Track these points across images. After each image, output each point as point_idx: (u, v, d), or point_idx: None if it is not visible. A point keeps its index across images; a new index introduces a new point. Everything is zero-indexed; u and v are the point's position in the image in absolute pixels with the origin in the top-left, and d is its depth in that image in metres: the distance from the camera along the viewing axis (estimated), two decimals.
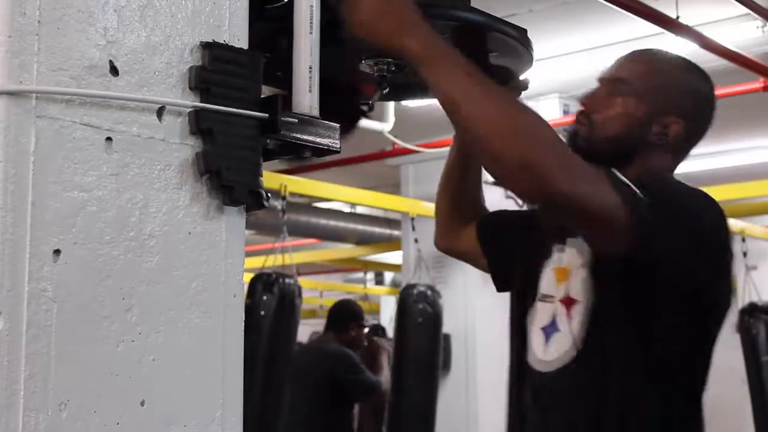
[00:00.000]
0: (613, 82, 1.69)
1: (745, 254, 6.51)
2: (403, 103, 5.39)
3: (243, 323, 1.34)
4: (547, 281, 1.74)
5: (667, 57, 1.76)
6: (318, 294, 10.70)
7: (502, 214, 2.04)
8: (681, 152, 1.73)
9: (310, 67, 1.44)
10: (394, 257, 9.27)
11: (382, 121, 5.83)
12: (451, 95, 1.43)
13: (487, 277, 2.04)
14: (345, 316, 5.18)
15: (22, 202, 1.10)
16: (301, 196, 6.50)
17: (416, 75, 1.45)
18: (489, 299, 4.47)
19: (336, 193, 6.13)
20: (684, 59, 1.78)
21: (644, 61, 1.73)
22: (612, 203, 1.46)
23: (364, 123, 4.82)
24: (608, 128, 1.67)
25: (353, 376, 4.80)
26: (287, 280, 4.83)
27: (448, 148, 2.10)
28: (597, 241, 1.55)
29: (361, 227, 8.41)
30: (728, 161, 7.15)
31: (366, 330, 5.43)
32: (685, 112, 1.68)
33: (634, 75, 1.69)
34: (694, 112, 1.71)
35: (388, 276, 12.10)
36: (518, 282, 1.85)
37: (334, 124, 1.47)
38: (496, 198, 2.35)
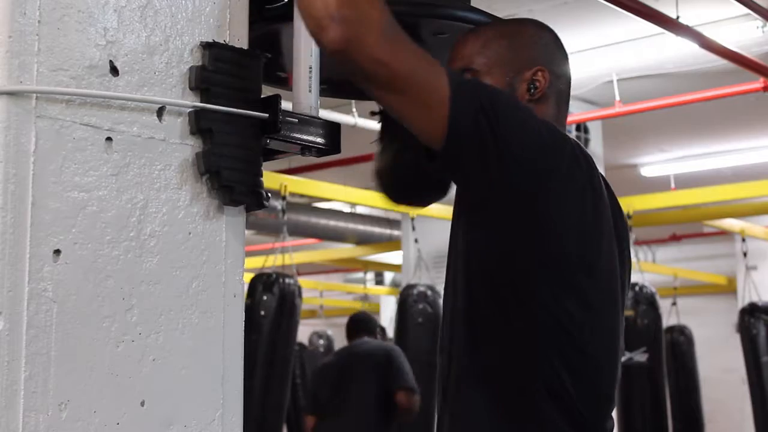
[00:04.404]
0: (465, 73, 1.61)
1: (745, 254, 6.50)
2: None
3: (243, 323, 1.34)
4: None
5: (491, 25, 1.67)
6: (318, 294, 10.67)
7: None
8: (559, 96, 1.64)
9: (310, 67, 1.44)
10: (394, 257, 9.27)
11: None
12: None
13: None
14: (355, 327, 5.14)
15: (23, 202, 1.10)
16: (301, 196, 6.50)
17: None
18: None
19: (336, 193, 6.13)
20: (501, 20, 1.71)
21: (474, 37, 1.64)
22: (435, 80, 1.37)
23: (365, 123, 4.86)
24: None
25: (402, 363, 4.73)
26: (287, 280, 4.83)
27: None
28: (412, 123, 1.42)
29: (361, 227, 8.41)
30: (728, 161, 7.13)
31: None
32: (539, 58, 1.61)
33: (474, 55, 1.61)
34: (547, 54, 1.63)
35: (388, 276, 12.09)
36: None
37: (335, 123, 1.47)
38: None
